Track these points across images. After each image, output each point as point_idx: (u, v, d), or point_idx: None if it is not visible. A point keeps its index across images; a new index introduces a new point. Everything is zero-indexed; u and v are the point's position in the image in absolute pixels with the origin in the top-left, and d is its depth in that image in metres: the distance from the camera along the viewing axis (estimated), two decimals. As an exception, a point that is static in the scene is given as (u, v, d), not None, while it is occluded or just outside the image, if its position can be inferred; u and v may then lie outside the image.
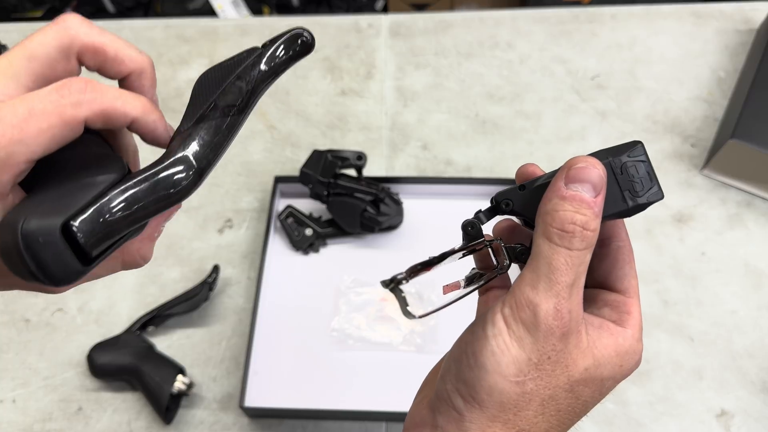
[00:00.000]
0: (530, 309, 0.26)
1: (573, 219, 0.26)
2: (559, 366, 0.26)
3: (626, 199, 0.27)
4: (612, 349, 0.27)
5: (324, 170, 0.64)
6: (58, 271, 0.22)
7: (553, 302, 0.26)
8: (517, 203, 0.30)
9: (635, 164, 0.27)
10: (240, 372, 0.61)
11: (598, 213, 0.26)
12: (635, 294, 0.30)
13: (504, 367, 0.26)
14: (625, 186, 0.27)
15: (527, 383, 0.26)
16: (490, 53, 0.85)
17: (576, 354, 0.26)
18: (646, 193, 0.27)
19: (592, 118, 0.78)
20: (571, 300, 0.26)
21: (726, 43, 0.84)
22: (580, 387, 0.27)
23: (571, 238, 0.26)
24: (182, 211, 0.72)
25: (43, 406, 0.60)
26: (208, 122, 0.26)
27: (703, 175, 0.73)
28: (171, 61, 0.86)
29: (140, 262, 0.29)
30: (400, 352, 0.61)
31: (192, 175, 0.24)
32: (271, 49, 0.29)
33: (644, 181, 0.27)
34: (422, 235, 0.69)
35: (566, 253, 0.26)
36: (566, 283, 0.26)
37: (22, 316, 0.65)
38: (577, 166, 0.26)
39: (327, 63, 0.85)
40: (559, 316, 0.26)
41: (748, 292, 0.64)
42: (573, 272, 0.26)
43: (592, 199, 0.26)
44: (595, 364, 0.27)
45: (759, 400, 0.58)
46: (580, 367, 0.26)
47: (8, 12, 1.57)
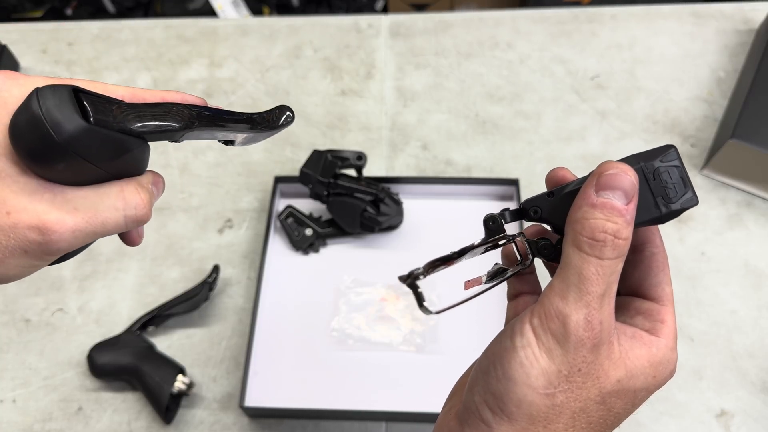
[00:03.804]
0: (560, 320, 0.25)
1: (604, 227, 0.25)
2: (590, 378, 0.25)
3: (659, 206, 0.26)
4: (645, 360, 0.27)
5: (324, 170, 0.64)
6: (61, 116, 0.24)
7: (584, 313, 0.25)
8: (545, 210, 0.29)
9: (668, 169, 0.26)
10: (240, 372, 0.61)
11: (630, 221, 0.25)
12: (670, 302, 0.29)
13: (533, 379, 0.25)
14: (657, 192, 0.26)
15: (557, 395, 0.25)
16: (490, 53, 0.85)
17: (608, 365, 0.26)
18: (679, 199, 0.26)
19: (591, 118, 0.78)
20: (602, 311, 0.25)
21: (726, 43, 0.84)
22: (613, 399, 0.26)
23: (602, 248, 0.25)
24: (182, 210, 0.72)
25: (43, 406, 0.60)
26: (210, 113, 0.31)
27: (702, 175, 0.73)
28: (171, 61, 0.86)
29: (141, 208, 0.29)
30: (400, 352, 0.61)
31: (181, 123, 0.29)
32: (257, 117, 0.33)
33: (678, 186, 0.26)
34: (422, 235, 0.69)
35: (597, 263, 0.25)
36: (597, 294, 0.25)
37: (22, 316, 0.65)
38: (608, 172, 0.25)
39: (327, 63, 0.85)
40: (590, 327, 0.25)
41: (747, 292, 0.64)
42: (604, 282, 0.25)
43: (624, 206, 0.25)
44: (628, 376, 0.26)
45: (759, 400, 0.58)
46: (612, 378, 0.26)
47: (8, 12, 1.57)
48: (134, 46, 0.89)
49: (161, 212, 0.72)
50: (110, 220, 0.28)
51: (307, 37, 0.88)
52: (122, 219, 0.28)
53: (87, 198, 0.27)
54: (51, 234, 0.25)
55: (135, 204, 0.28)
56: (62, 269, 0.68)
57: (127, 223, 0.29)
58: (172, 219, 0.71)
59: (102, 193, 0.27)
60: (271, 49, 0.87)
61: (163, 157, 0.77)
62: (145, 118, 0.28)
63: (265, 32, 0.89)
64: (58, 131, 0.24)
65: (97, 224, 0.27)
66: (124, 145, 0.27)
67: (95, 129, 0.25)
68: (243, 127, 0.32)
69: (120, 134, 0.27)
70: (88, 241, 0.28)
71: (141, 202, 0.29)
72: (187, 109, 0.30)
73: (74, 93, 0.26)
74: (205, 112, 0.31)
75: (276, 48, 0.87)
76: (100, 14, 1.68)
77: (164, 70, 0.86)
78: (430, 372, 0.60)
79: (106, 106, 0.27)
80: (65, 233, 0.26)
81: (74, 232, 0.26)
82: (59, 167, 0.25)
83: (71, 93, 0.25)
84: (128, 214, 0.28)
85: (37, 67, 0.87)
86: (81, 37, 0.90)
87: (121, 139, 0.27)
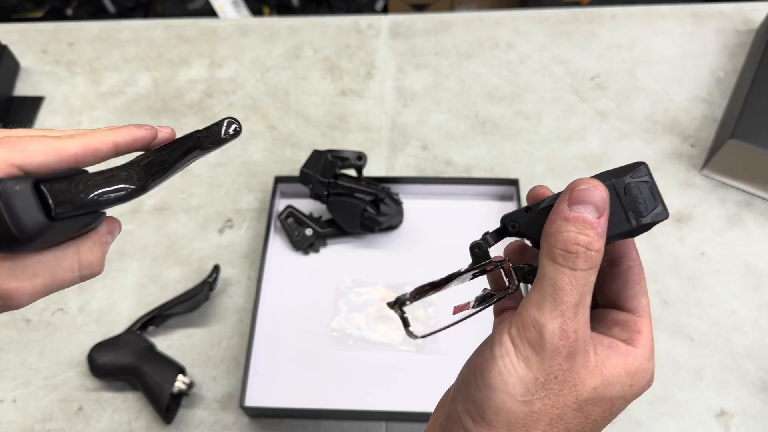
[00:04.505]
0: (536, 329, 0.26)
1: (576, 240, 0.26)
2: (566, 385, 0.26)
3: (630, 220, 0.27)
4: (621, 369, 0.27)
5: (324, 170, 0.65)
6: (25, 216, 0.25)
7: (559, 322, 0.26)
8: (523, 225, 0.30)
9: (638, 185, 0.27)
10: (240, 372, 0.61)
11: (601, 233, 0.26)
12: (646, 313, 0.29)
13: (511, 387, 0.26)
14: (629, 207, 0.27)
15: (535, 402, 0.26)
16: (489, 53, 0.86)
17: (584, 373, 0.26)
18: (650, 213, 0.27)
19: (591, 118, 0.78)
20: (577, 320, 0.26)
21: (725, 43, 0.84)
22: (590, 406, 0.27)
23: (575, 259, 0.26)
24: (183, 211, 0.72)
25: (43, 405, 0.60)
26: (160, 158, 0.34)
27: (702, 175, 0.73)
28: (171, 61, 0.86)
29: (96, 266, 0.31)
30: (400, 352, 0.61)
31: (137, 184, 0.31)
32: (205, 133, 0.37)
33: (648, 201, 0.27)
34: (422, 235, 0.69)
35: (571, 274, 0.26)
36: (571, 303, 0.26)
37: (22, 316, 0.65)
38: (579, 188, 0.27)
39: (327, 63, 0.85)
40: (565, 335, 0.26)
41: (747, 292, 0.64)
42: (578, 292, 0.26)
43: (595, 219, 0.26)
44: (604, 384, 0.27)
45: (758, 400, 0.58)
46: (588, 386, 0.27)
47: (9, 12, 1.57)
48: (134, 46, 0.89)
49: (161, 212, 0.72)
50: (66, 280, 0.29)
51: (307, 38, 0.88)
52: (77, 277, 0.30)
53: (45, 264, 0.28)
54: (11, 300, 0.27)
55: (89, 263, 0.30)
56: (62, 269, 0.68)
57: (81, 279, 0.30)
58: (172, 219, 0.72)
59: (59, 257, 0.29)
60: (272, 49, 0.87)
61: (164, 157, 0.77)
62: (104, 193, 0.29)
63: (266, 32, 0.89)
64: (22, 232, 0.25)
65: (54, 286, 0.29)
66: (83, 221, 0.29)
67: (57, 223, 0.27)
68: (194, 155, 0.34)
69: (81, 215, 0.28)
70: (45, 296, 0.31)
71: (95, 260, 0.30)
72: (138, 167, 0.32)
73: (35, 185, 0.26)
74: (156, 160, 0.33)
75: (276, 48, 0.87)
76: (100, 14, 1.68)
77: (164, 70, 0.86)
78: (430, 372, 0.60)
79: (65, 189, 0.27)
80: (24, 297, 0.28)
81: (32, 296, 0.28)
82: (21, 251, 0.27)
83: (33, 188, 0.26)
84: (83, 274, 0.30)
85: (38, 67, 0.87)
86: (81, 38, 0.90)
87: (81, 218, 0.28)
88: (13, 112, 0.82)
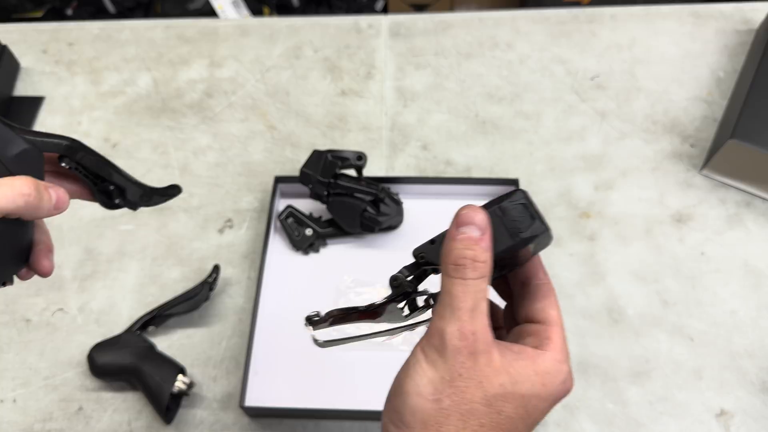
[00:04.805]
0: (438, 335, 0.29)
1: (464, 254, 0.30)
2: (472, 382, 0.29)
3: (512, 236, 0.32)
4: (530, 369, 0.30)
5: (324, 170, 0.65)
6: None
7: (457, 326, 0.29)
8: (429, 255, 0.34)
9: (515, 207, 0.32)
10: (240, 372, 0.61)
11: (486, 248, 0.30)
12: (556, 323, 0.33)
13: (422, 388, 0.29)
14: (509, 226, 0.32)
15: (443, 400, 0.28)
16: (489, 53, 0.86)
17: (489, 371, 0.29)
18: (528, 229, 0.32)
19: (591, 118, 0.78)
20: (474, 323, 0.29)
21: (725, 43, 0.85)
22: (499, 402, 0.29)
23: (464, 270, 0.30)
24: (183, 211, 0.72)
25: (43, 405, 0.60)
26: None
27: (702, 175, 0.73)
28: (171, 61, 0.87)
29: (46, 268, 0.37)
30: (400, 352, 0.61)
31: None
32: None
33: (525, 219, 0.32)
34: (422, 235, 0.68)
35: (462, 283, 0.30)
36: (466, 309, 0.29)
37: (22, 316, 0.65)
38: (462, 212, 0.31)
39: (327, 63, 0.85)
40: (464, 336, 0.29)
41: (747, 292, 0.64)
42: (471, 299, 0.29)
43: (479, 236, 0.30)
44: (512, 381, 0.29)
45: (759, 400, 0.58)
46: (494, 383, 0.29)
47: (9, 12, 1.57)
48: (135, 46, 0.89)
49: (162, 212, 0.72)
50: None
51: (307, 38, 0.89)
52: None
53: None
54: None
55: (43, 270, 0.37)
56: (62, 269, 0.68)
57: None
58: (172, 219, 0.72)
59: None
60: (272, 49, 0.87)
61: (164, 158, 0.77)
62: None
63: (266, 32, 0.89)
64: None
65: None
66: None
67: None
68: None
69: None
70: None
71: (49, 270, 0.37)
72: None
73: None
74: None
75: (276, 48, 0.88)
76: (100, 14, 1.68)
77: (164, 70, 0.86)
78: (430, 372, 0.60)
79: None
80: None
81: None
82: None
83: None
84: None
85: (38, 67, 0.87)
86: (81, 38, 0.90)
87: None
88: (14, 112, 0.82)
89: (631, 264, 0.66)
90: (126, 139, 0.79)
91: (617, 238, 0.68)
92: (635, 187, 0.72)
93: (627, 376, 0.60)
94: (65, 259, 0.69)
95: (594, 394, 0.59)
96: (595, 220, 0.70)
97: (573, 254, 0.67)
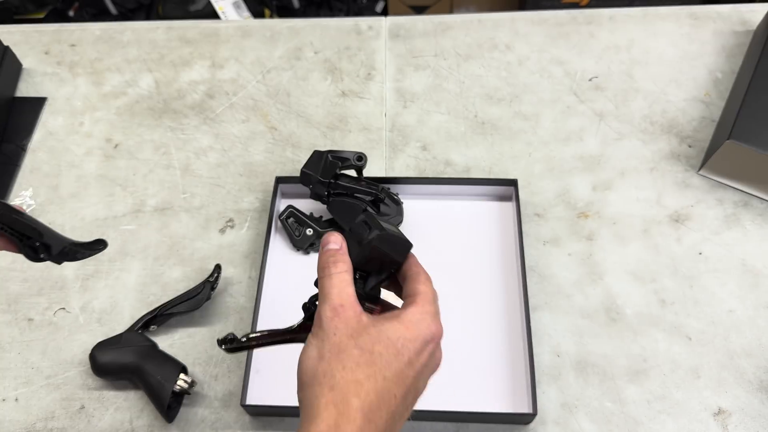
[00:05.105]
0: (318, 317, 0.39)
1: (328, 260, 0.40)
2: (344, 335, 0.37)
3: (359, 243, 0.41)
4: (395, 321, 0.38)
5: (324, 171, 0.65)
6: None
7: (328, 305, 0.38)
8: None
9: (359, 225, 0.42)
10: (241, 370, 0.61)
11: (343, 252, 0.41)
12: (421, 292, 0.40)
13: (309, 354, 0.37)
14: (357, 239, 0.42)
15: (325, 355, 0.36)
16: (489, 55, 0.86)
17: (358, 327, 0.37)
18: (368, 237, 0.41)
19: (590, 119, 0.79)
20: (341, 298, 0.38)
21: (723, 44, 0.85)
22: (369, 345, 0.36)
23: (328, 269, 0.40)
24: (184, 211, 0.73)
25: (45, 404, 0.60)
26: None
27: (700, 176, 0.73)
28: (173, 62, 0.87)
29: None
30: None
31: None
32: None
33: (364, 231, 0.41)
34: (422, 235, 0.69)
35: (328, 277, 0.39)
36: (334, 293, 0.38)
37: (25, 315, 0.66)
38: (325, 237, 0.42)
39: (327, 65, 0.86)
40: (333, 309, 0.38)
41: (745, 292, 0.65)
42: (336, 286, 0.39)
43: (337, 248, 0.41)
44: (378, 330, 0.37)
45: (756, 399, 0.58)
46: (364, 334, 0.37)
47: (11, 13, 1.58)
48: (136, 47, 0.89)
49: (163, 213, 0.73)
50: None
51: (307, 39, 0.89)
52: None
53: None
54: None
55: None
56: (65, 269, 0.68)
57: None
58: (174, 219, 0.72)
59: None
60: (272, 50, 0.88)
61: (166, 158, 0.77)
62: None
63: (266, 34, 0.90)
64: None
65: None
66: None
67: None
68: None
69: None
70: None
71: None
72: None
73: None
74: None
75: (277, 49, 0.88)
76: (102, 16, 1.69)
77: (166, 71, 0.86)
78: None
79: None
80: None
81: None
82: None
83: None
84: None
85: (40, 68, 0.87)
86: (83, 39, 0.91)
87: None
88: (16, 113, 0.83)
89: (629, 264, 0.67)
90: (128, 139, 0.79)
91: (615, 238, 0.69)
92: (633, 188, 0.72)
93: (625, 375, 0.60)
94: (67, 259, 0.69)
95: (592, 393, 0.59)
96: (594, 220, 0.70)
97: (571, 254, 0.68)
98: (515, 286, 0.65)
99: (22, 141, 0.80)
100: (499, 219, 0.70)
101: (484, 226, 0.70)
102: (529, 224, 0.70)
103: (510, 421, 0.58)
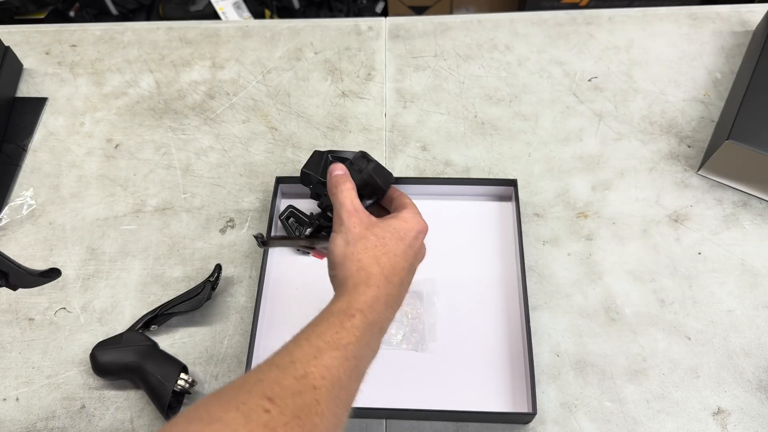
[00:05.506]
0: (338, 217, 0.49)
1: (337, 181, 0.51)
2: (362, 227, 0.48)
3: (359, 173, 0.53)
4: (394, 219, 0.50)
5: (324, 171, 0.65)
6: None
7: (345, 207, 0.49)
8: (324, 201, 0.60)
9: (358, 159, 0.54)
10: (241, 370, 0.61)
11: (347, 177, 0.52)
12: (407, 204, 0.52)
13: (338, 243, 0.48)
14: (357, 168, 0.54)
15: (350, 242, 0.47)
16: (488, 55, 0.86)
17: (370, 222, 0.49)
18: (365, 168, 0.53)
19: (589, 119, 0.79)
20: (354, 203, 0.49)
21: (722, 44, 0.85)
22: (380, 233, 0.48)
23: (339, 186, 0.51)
24: (185, 211, 0.73)
25: (46, 404, 0.61)
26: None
27: (699, 176, 0.73)
28: (174, 63, 0.87)
29: None
30: (400, 350, 0.62)
31: None
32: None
33: (363, 164, 0.54)
34: (421, 235, 0.69)
35: (340, 191, 0.50)
36: (348, 199, 0.50)
37: (25, 315, 0.66)
38: (331, 167, 0.53)
39: (327, 65, 0.86)
40: (349, 210, 0.49)
41: (744, 292, 0.65)
42: (348, 197, 0.50)
43: (342, 173, 0.52)
44: (385, 224, 0.49)
45: (755, 399, 0.59)
46: (375, 226, 0.48)
47: (11, 14, 1.58)
48: (137, 48, 0.89)
49: (164, 212, 0.73)
50: None
51: (307, 40, 0.89)
52: None
53: None
54: None
55: None
56: (65, 269, 0.68)
57: None
58: (174, 219, 0.72)
59: None
60: (273, 51, 0.88)
61: (166, 158, 0.78)
62: None
63: (267, 34, 0.90)
64: None
65: None
66: None
67: None
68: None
69: None
70: None
71: None
72: None
73: None
74: None
75: (277, 50, 0.88)
76: (102, 16, 1.69)
77: (167, 71, 0.86)
78: (429, 370, 0.61)
79: None
80: None
81: None
82: None
83: None
84: None
85: (41, 69, 0.88)
86: (84, 39, 0.91)
87: None
88: (17, 113, 0.83)
89: (629, 263, 0.67)
90: (128, 139, 0.80)
91: (614, 238, 0.69)
92: (632, 188, 0.73)
93: (624, 375, 0.60)
94: (68, 259, 0.69)
95: (592, 392, 0.59)
96: (593, 220, 0.70)
97: (571, 254, 0.68)
98: (515, 285, 0.65)
99: (22, 141, 0.80)
100: (498, 219, 0.70)
101: (484, 226, 0.70)
102: (528, 224, 0.70)
103: (509, 421, 0.58)
